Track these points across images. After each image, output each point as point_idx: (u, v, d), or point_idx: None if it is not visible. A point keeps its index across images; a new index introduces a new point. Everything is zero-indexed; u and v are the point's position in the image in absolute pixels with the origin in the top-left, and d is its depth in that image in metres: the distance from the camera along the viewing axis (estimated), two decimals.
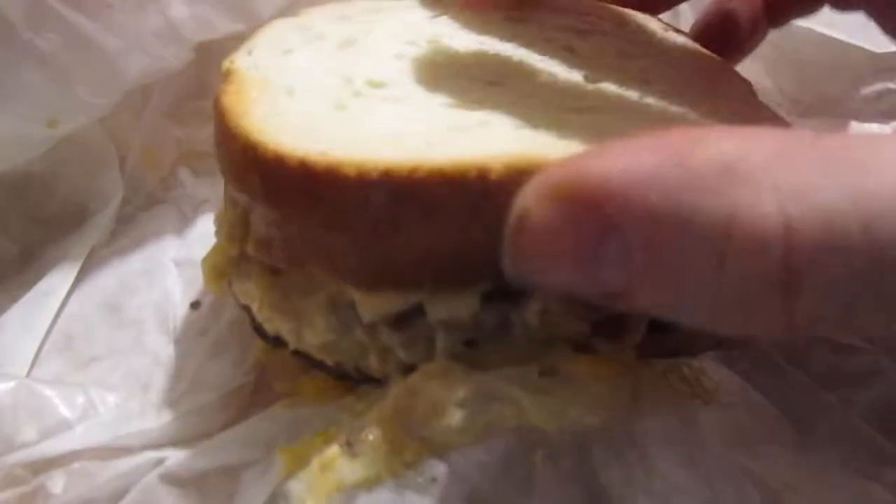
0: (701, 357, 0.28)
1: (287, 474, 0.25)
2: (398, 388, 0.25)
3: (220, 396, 0.31)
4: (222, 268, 0.30)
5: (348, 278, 0.25)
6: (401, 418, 0.24)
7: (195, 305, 0.35)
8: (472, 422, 0.24)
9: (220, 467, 0.28)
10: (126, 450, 0.29)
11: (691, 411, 0.25)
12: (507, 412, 0.24)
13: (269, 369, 0.32)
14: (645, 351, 0.26)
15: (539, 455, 0.24)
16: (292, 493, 0.25)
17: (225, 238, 0.28)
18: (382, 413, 0.25)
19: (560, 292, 0.19)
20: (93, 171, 0.40)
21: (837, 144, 0.17)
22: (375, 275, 0.25)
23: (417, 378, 0.25)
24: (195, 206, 0.41)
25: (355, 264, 0.25)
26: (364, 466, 0.24)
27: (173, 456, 0.29)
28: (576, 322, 0.25)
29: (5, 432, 0.29)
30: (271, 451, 0.27)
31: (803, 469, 0.25)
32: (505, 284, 0.25)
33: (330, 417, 0.27)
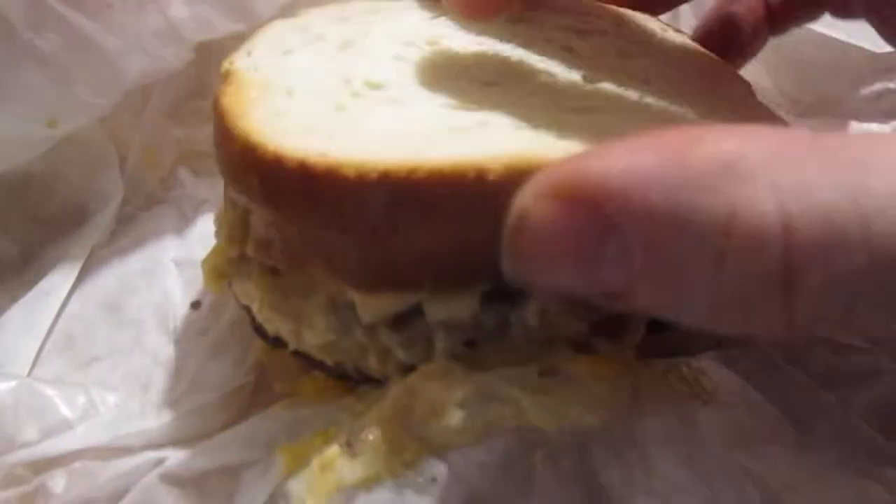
0: (700, 357, 0.28)
1: (287, 474, 0.25)
2: (398, 389, 0.25)
3: (221, 396, 0.31)
4: (222, 268, 0.30)
5: (348, 279, 0.25)
6: (400, 418, 0.24)
7: (195, 305, 0.35)
8: (472, 422, 0.24)
9: (221, 467, 0.28)
10: (126, 450, 0.29)
11: (691, 411, 0.25)
12: (507, 412, 0.24)
13: (269, 369, 0.32)
14: (644, 351, 0.26)
15: (539, 455, 0.24)
16: (292, 493, 0.25)
17: (225, 239, 0.28)
18: (382, 413, 0.25)
19: (559, 293, 0.18)
20: (93, 171, 0.40)
21: (836, 144, 0.17)
22: (375, 276, 0.25)
23: (417, 378, 0.25)
24: (195, 206, 0.41)
25: (354, 265, 0.25)
26: (364, 466, 0.24)
27: (173, 456, 0.29)
28: (575, 322, 0.25)
29: (7, 432, 0.29)
30: (271, 451, 0.27)
31: (803, 469, 0.25)
32: (504, 285, 0.25)
33: (330, 417, 0.27)
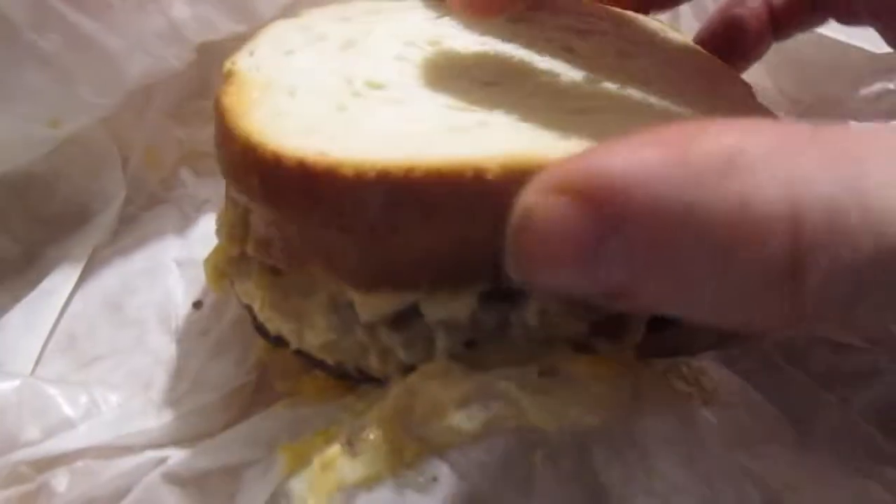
0: (700, 357, 0.28)
1: (288, 473, 0.26)
2: (398, 388, 0.25)
3: (222, 396, 0.31)
4: (224, 268, 0.30)
5: (347, 278, 0.25)
6: (401, 418, 0.24)
7: (197, 305, 0.36)
8: (472, 422, 0.24)
9: (222, 467, 0.28)
10: (128, 449, 0.30)
11: (691, 411, 0.25)
12: (507, 412, 0.24)
13: (271, 369, 0.32)
14: (644, 351, 0.26)
15: (539, 455, 0.24)
16: (293, 492, 0.25)
17: (225, 238, 0.28)
18: (383, 413, 0.25)
19: (561, 292, 0.18)
20: (95, 172, 0.40)
21: (835, 137, 0.17)
22: (374, 275, 0.25)
23: (417, 378, 0.25)
24: (197, 206, 0.41)
25: (354, 265, 0.25)
26: (365, 466, 0.24)
27: (175, 455, 0.29)
28: (575, 322, 0.25)
29: (9, 431, 0.29)
30: (273, 451, 0.27)
31: (803, 468, 0.26)
32: (504, 284, 0.25)
33: (330, 417, 0.27)
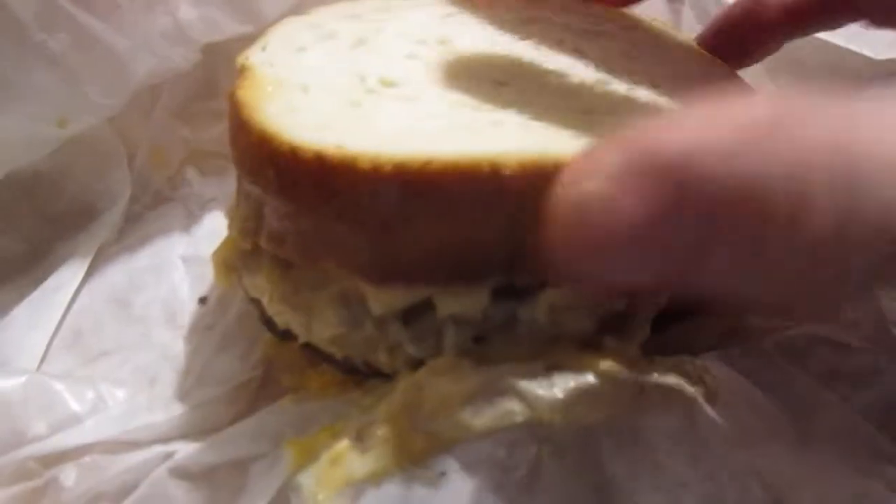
0: (703, 356, 0.28)
1: (296, 468, 0.26)
2: (406, 383, 0.25)
3: (228, 390, 0.31)
4: (232, 262, 0.30)
5: (360, 272, 0.25)
6: (409, 413, 0.25)
7: (203, 301, 0.36)
8: (480, 417, 0.24)
9: (229, 461, 0.28)
10: (135, 444, 0.30)
11: (695, 408, 0.25)
12: (515, 407, 0.24)
13: (277, 364, 0.32)
14: (649, 349, 0.26)
15: (546, 450, 0.24)
16: (303, 487, 0.25)
17: (238, 231, 0.28)
18: (391, 408, 0.25)
19: (600, 282, 0.18)
20: (101, 170, 0.41)
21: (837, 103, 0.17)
22: (387, 269, 0.25)
23: (425, 373, 0.25)
24: (202, 205, 0.41)
25: (367, 258, 0.25)
26: (373, 460, 0.24)
27: (182, 450, 0.29)
28: (582, 319, 0.25)
29: (17, 426, 0.30)
30: (279, 445, 0.27)
31: (805, 467, 0.26)
32: (514, 281, 0.25)
33: (337, 412, 0.27)
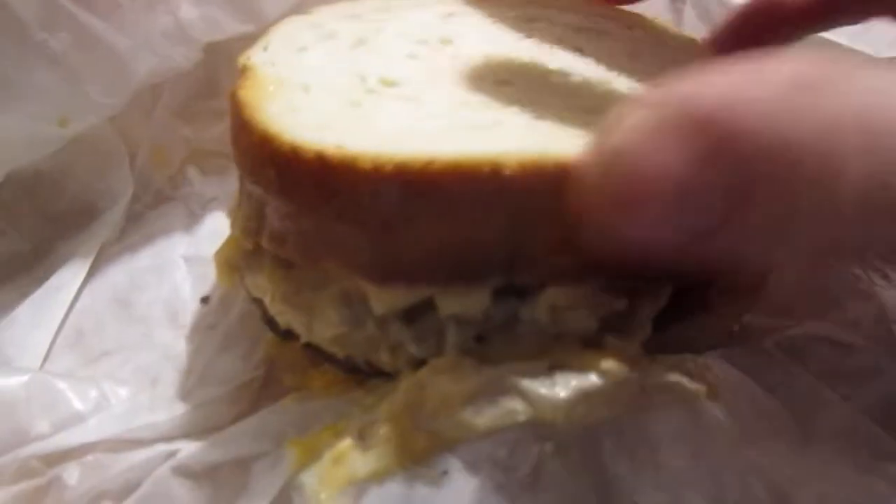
0: (705, 354, 0.28)
1: (298, 467, 0.26)
2: (408, 382, 0.25)
3: (230, 390, 0.31)
4: (235, 261, 0.30)
5: (361, 272, 0.25)
6: (411, 412, 0.25)
7: (205, 300, 0.36)
8: (482, 416, 0.24)
9: (232, 460, 0.28)
10: (138, 442, 0.30)
11: (697, 406, 0.25)
12: (517, 406, 0.24)
13: (279, 363, 0.32)
14: (651, 347, 0.26)
15: (548, 448, 0.24)
16: (305, 486, 0.25)
17: (240, 231, 0.28)
18: (393, 407, 0.25)
19: (633, 247, 0.18)
20: (103, 170, 0.41)
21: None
22: (388, 269, 0.25)
23: (427, 372, 0.25)
24: (203, 204, 0.41)
25: (368, 258, 0.25)
26: (375, 459, 0.24)
27: (185, 448, 0.29)
28: (584, 318, 0.25)
29: (20, 425, 0.30)
30: (281, 444, 0.27)
31: (807, 464, 0.26)
32: (515, 280, 0.25)
33: (339, 411, 0.27)
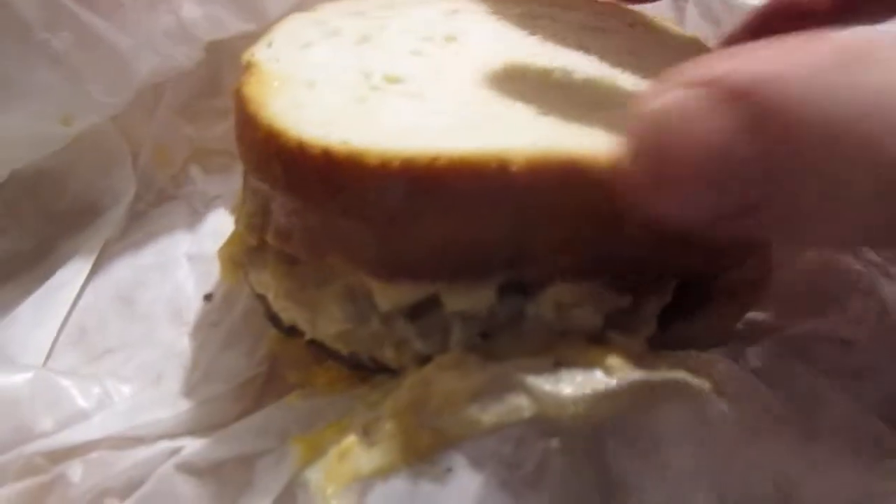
0: (709, 350, 0.28)
1: (303, 464, 0.26)
2: (413, 379, 0.25)
3: (234, 387, 0.31)
4: (238, 258, 0.30)
5: (367, 268, 0.25)
6: (416, 409, 0.25)
7: (208, 298, 0.36)
8: (487, 412, 0.24)
9: (236, 456, 0.28)
10: (142, 440, 0.30)
11: (702, 402, 0.25)
12: (522, 403, 0.24)
13: (283, 360, 0.32)
14: (656, 344, 0.26)
15: (553, 445, 0.24)
16: (310, 482, 0.25)
17: (245, 228, 0.28)
18: (397, 403, 0.25)
19: (673, 219, 0.18)
20: (105, 169, 0.41)
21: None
22: (394, 265, 0.25)
23: (432, 369, 0.25)
24: (206, 203, 0.41)
25: (374, 254, 0.25)
26: (380, 456, 0.24)
27: (189, 445, 0.29)
28: (589, 315, 0.25)
29: (23, 422, 0.30)
30: (285, 441, 0.27)
31: (811, 460, 0.26)
32: (520, 277, 0.25)
33: (343, 408, 0.28)
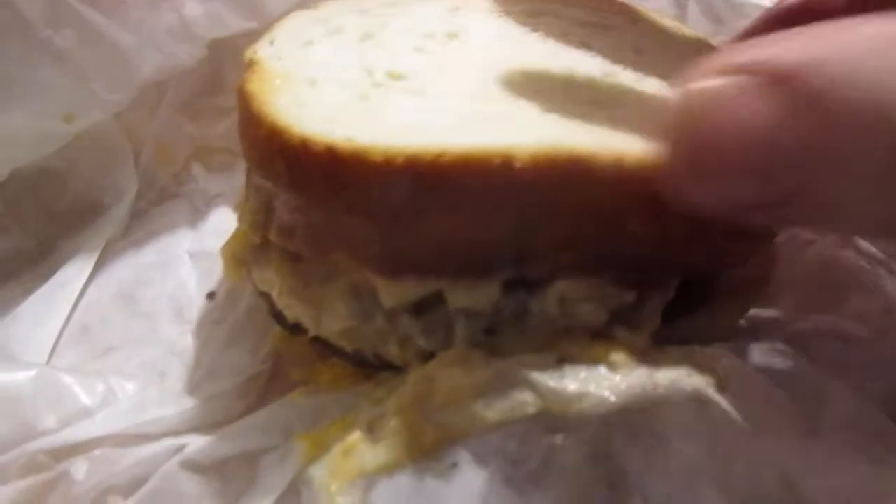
0: (714, 346, 0.28)
1: (307, 461, 0.26)
2: (417, 375, 0.25)
3: (238, 384, 0.31)
4: (242, 255, 0.30)
5: (371, 265, 0.25)
6: (420, 405, 0.25)
7: (210, 296, 0.36)
8: (491, 408, 0.24)
9: (240, 454, 0.29)
10: (146, 437, 0.30)
11: (706, 398, 0.25)
12: (526, 399, 0.24)
13: (286, 357, 0.32)
14: (660, 340, 0.26)
15: (557, 441, 0.24)
16: (315, 479, 0.25)
17: (247, 225, 0.28)
18: (402, 400, 0.25)
19: (714, 205, 0.19)
20: (107, 167, 0.41)
21: None
22: (398, 262, 0.25)
23: (436, 365, 0.25)
24: (208, 201, 0.41)
25: (378, 251, 0.25)
26: (385, 452, 0.24)
27: (193, 443, 0.29)
28: (593, 311, 0.25)
29: (27, 420, 0.30)
30: (289, 438, 0.27)
31: (816, 455, 0.26)
32: (524, 273, 0.25)
33: (348, 405, 0.28)
